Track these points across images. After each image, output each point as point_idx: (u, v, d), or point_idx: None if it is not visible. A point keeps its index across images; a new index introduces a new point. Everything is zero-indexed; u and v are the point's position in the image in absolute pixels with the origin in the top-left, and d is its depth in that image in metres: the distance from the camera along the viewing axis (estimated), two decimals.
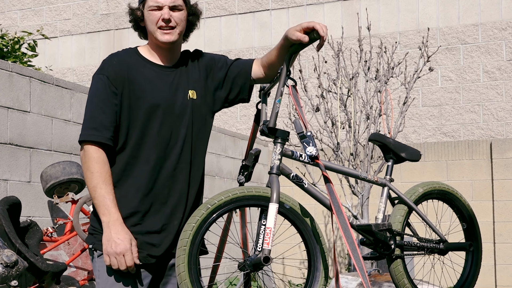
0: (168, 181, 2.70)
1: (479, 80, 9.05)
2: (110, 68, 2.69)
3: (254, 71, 2.87)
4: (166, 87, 2.72)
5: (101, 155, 2.61)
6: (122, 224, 2.60)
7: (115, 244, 2.56)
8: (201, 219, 2.58)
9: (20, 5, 11.67)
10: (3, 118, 5.40)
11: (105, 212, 2.58)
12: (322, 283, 2.78)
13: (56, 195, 5.45)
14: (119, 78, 2.67)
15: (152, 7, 2.69)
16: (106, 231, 2.59)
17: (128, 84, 2.67)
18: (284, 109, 9.16)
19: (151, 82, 2.70)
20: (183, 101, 2.74)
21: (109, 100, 2.64)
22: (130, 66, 2.71)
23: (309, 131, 2.76)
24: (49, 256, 5.14)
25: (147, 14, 2.71)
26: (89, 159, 2.60)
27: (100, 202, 2.59)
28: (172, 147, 2.71)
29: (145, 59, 2.76)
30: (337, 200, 2.71)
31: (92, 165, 2.60)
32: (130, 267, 2.59)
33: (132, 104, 2.67)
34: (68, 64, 11.24)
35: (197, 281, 2.55)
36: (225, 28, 10.44)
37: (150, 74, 2.72)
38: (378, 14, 9.54)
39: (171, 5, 2.70)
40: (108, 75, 2.67)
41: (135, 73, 2.70)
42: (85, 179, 2.62)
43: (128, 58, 2.74)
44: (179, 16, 2.72)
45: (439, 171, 8.57)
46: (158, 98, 2.69)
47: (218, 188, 8.20)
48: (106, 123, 2.63)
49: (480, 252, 3.44)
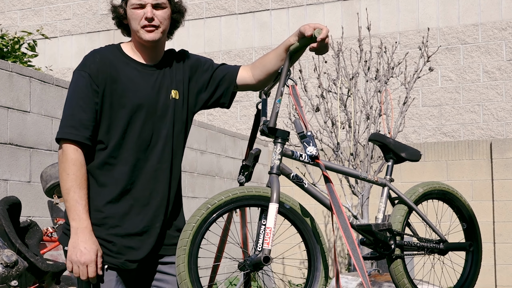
0: (149, 183, 2.64)
1: (479, 80, 9.05)
2: (93, 65, 2.62)
3: (241, 77, 2.83)
4: (148, 86, 2.66)
5: (79, 156, 2.55)
6: (90, 232, 2.53)
7: (81, 253, 2.50)
8: (201, 219, 2.58)
9: (20, 5, 11.67)
10: (3, 118, 5.40)
11: (75, 217, 2.52)
12: (322, 283, 2.78)
13: (56, 195, 5.44)
14: (101, 76, 2.60)
15: (134, 5, 2.64)
16: (74, 237, 2.51)
17: (110, 82, 2.60)
18: (284, 109, 9.16)
19: (133, 81, 2.64)
20: (165, 101, 2.68)
21: (89, 99, 2.58)
22: (112, 63, 2.64)
23: (309, 131, 2.76)
24: (49, 256, 5.14)
25: (130, 12, 2.66)
26: (66, 160, 2.53)
27: (72, 206, 2.53)
28: (153, 147, 2.66)
29: (128, 57, 2.69)
30: (337, 200, 2.71)
31: (69, 167, 2.53)
32: (91, 278, 2.53)
33: (114, 103, 2.60)
34: (68, 64, 11.24)
35: (197, 281, 2.55)
36: (225, 28, 10.43)
37: (133, 73, 2.66)
38: (378, 14, 9.54)
39: (154, 3, 2.63)
40: (90, 73, 2.60)
41: (118, 71, 2.63)
42: (59, 179, 2.54)
43: (111, 56, 2.67)
44: (162, 15, 2.66)
45: (439, 171, 8.57)
46: (141, 98, 2.63)
47: (218, 188, 8.20)
48: (85, 122, 2.56)
49: (480, 252, 3.44)
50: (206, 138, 8.26)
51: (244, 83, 2.85)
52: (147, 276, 2.72)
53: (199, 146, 8.07)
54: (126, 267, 2.61)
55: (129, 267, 2.61)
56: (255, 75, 2.84)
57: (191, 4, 10.42)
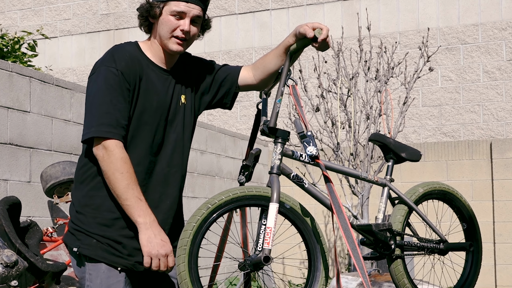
0: (159, 186, 2.65)
1: (479, 80, 9.06)
2: (124, 63, 2.57)
3: (243, 77, 2.83)
4: (163, 90, 2.67)
5: (125, 154, 2.50)
6: (158, 225, 2.54)
7: (160, 245, 2.50)
8: (202, 219, 2.58)
9: (20, 5, 11.67)
10: (3, 118, 5.40)
11: (141, 213, 2.49)
12: (322, 283, 2.78)
13: (56, 195, 5.45)
14: (132, 75, 2.57)
15: (174, 13, 2.60)
16: (146, 233, 2.49)
17: (138, 81, 2.59)
18: (284, 109, 9.16)
19: (153, 83, 2.65)
20: (176, 106, 2.70)
21: (123, 98, 2.53)
22: (140, 63, 2.62)
23: (309, 130, 2.76)
24: (49, 256, 5.14)
25: (166, 17, 2.61)
26: (117, 159, 2.47)
27: (135, 204, 2.48)
28: (163, 151, 2.67)
29: (148, 59, 2.68)
30: (337, 200, 2.71)
31: (122, 165, 2.46)
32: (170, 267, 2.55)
33: (138, 103, 2.60)
34: (68, 64, 11.24)
35: (197, 281, 2.55)
36: (225, 28, 10.43)
37: (152, 75, 2.66)
38: (378, 14, 9.54)
39: (194, 16, 2.63)
40: (122, 71, 2.55)
41: (143, 71, 2.62)
42: (111, 180, 2.46)
43: (138, 55, 2.64)
44: (194, 31, 2.66)
45: (439, 171, 8.57)
46: (157, 101, 2.65)
47: (218, 188, 8.19)
48: (121, 121, 2.52)
49: (480, 252, 3.44)
50: (206, 138, 8.26)
51: (245, 84, 2.85)
52: (153, 278, 2.73)
53: (199, 146, 8.07)
54: (136, 269, 2.61)
55: (138, 269, 2.61)
56: (256, 75, 2.84)
57: None
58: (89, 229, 2.58)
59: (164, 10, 2.61)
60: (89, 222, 2.58)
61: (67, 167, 5.42)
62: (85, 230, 2.58)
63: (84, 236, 2.58)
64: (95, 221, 2.58)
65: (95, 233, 2.57)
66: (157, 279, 2.73)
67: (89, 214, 2.60)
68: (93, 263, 2.58)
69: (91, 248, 2.56)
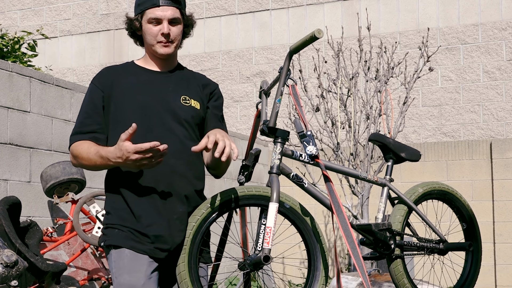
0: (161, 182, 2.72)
1: (479, 80, 9.06)
2: (98, 75, 2.81)
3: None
4: (156, 89, 2.77)
5: (76, 144, 2.72)
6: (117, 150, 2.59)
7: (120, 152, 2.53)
8: (202, 218, 2.59)
9: (20, 5, 11.67)
10: (3, 118, 5.40)
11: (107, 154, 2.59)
12: (322, 283, 2.78)
13: (56, 195, 5.45)
14: (104, 82, 2.77)
15: (151, 20, 2.76)
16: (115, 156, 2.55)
17: (113, 87, 2.76)
18: (284, 109, 9.16)
19: (142, 84, 2.77)
20: (178, 103, 2.77)
21: (94, 104, 2.75)
22: (118, 72, 2.81)
23: (309, 130, 2.76)
24: (49, 256, 5.14)
25: (146, 26, 2.78)
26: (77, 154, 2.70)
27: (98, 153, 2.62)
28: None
29: (139, 67, 2.84)
30: (337, 199, 2.71)
31: (78, 150, 2.69)
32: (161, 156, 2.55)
33: (118, 106, 2.73)
34: (68, 64, 11.24)
35: (197, 280, 2.55)
36: (225, 28, 10.43)
37: (141, 77, 2.79)
38: (378, 14, 9.54)
39: (171, 18, 2.76)
40: (95, 82, 2.79)
41: (122, 78, 2.78)
42: (83, 163, 2.68)
43: (121, 67, 2.86)
44: (176, 30, 2.78)
45: (439, 171, 8.57)
46: (146, 100, 2.74)
47: (218, 188, 8.20)
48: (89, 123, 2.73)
49: (480, 252, 3.44)
50: None
51: None
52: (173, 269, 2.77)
53: None
54: (156, 255, 2.67)
55: (159, 255, 2.68)
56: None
57: (191, 4, 10.42)
58: (112, 222, 2.74)
59: (143, 20, 2.79)
60: (112, 218, 2.74)
61: (67, 167, 5.42)
62: (109, 224, 2.74)
63: (109, 230, 2.74)
64: (116, 215, 2.73)
65: (117, 224, 2.71)
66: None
67: (112, 212, 2.76)
68: (117, 250, 2.69)
69: (114, 237, 2.70)
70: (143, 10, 2.77)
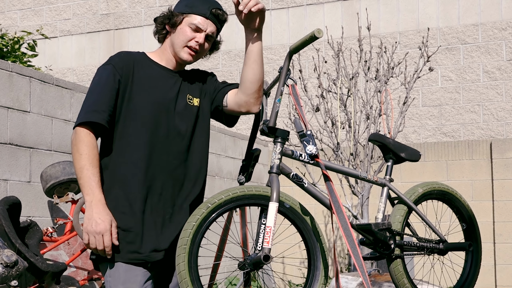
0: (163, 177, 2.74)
1: (479, 80, 9.06)
2: (117, 58, 2.75)
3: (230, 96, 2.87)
4: (167, 87, 2.77)
5: (91, 139, 2.64)
6: (104, 205, 2.63)
7: (96, 223, 2.59)
8: (202, 218, 2.59)
9: (20, 5, 11.68)
10: (3, 118, 5.40)
11: (89, 192, 2.61)
12: (322, 282, 2.78)
13: (56, 195, 5.44)
14: (125, 67, 2.72)
15: (192, 25, 2.77)
16: (89, 210, 2.61)
17: (132, 75, 2.73)
18: (284, 109, 9.16)
19: (156, 80, 2.76)
20: (185, 103, 2.79)
21: (110, 86, 2.68)
22: (136, 60, 2.78)
23: (309, 130, 2.76)
24: (49, 256, 5.14)
25: (184, 27, 2.78)
26: (79, 142, 2.63)
27: (86, 183, 2.61)
28: (170, 143, 2.74)
29: (152, 61, 2.82)
30: (337, 199, 2.72)
31: (82, 147, 2.62)
32: (107, 247, 2.61)
33: (133, 97, 2.72)
34: (68, 64, 11.24)
35: (197, 280, 2.55)
36: (225, 28, 10.38)
37: (155, 73, 2.78)
38: (378, 14, 9.54)
39: (210, 33, 2.80)
40: (114, 64, 2.72)
41: (140, 68, 2.76)
42: (73, 160, 2.64)
43: (136, 55, 2.82)
44: (207, 46, 2.83)
45: (439, 171, 8.57)
46: (158, 97, 2.74)
47: (218, 188, 8.20)
48: (103, 106, 2.66)
49: (480, 252, 3.44)
50: None
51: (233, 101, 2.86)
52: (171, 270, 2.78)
53: None
54: (151, 259, 2.68)
55: (154, 258, 2.68)
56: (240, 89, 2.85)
57: None
58: None
59: (184, 21, 2.79)
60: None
61: (67, 167, 5.42)
62: None
63: None
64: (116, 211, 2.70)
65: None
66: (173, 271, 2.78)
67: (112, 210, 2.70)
68: (111, 264, 2.69)
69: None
70: (191, 13, 2.78)
